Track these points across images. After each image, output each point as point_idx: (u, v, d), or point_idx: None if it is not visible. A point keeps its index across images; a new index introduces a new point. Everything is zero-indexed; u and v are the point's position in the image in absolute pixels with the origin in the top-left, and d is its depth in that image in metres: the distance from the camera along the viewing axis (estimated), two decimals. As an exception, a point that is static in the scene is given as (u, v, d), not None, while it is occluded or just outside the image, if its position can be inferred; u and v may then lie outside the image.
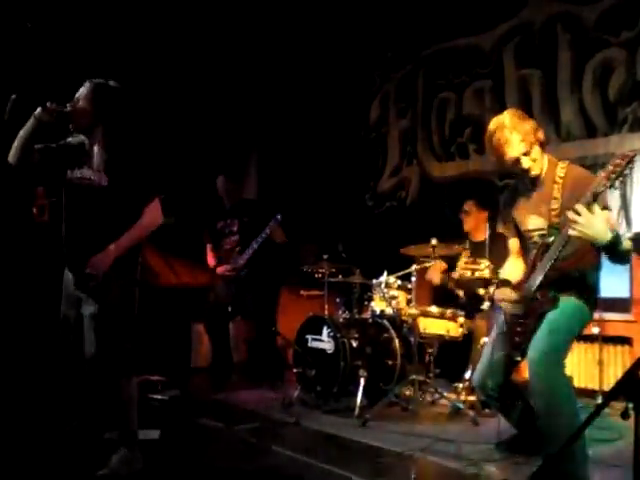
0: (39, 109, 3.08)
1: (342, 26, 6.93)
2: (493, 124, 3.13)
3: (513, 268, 3.32)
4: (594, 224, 2.66)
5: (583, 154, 5.17)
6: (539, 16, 5.64)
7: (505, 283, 3.21)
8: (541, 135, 3.11)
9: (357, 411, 4.40)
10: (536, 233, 3.11)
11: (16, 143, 3.13)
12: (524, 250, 3.25)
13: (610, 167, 2.67)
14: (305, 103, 7.32)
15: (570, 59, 5.40)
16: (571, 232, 2.70)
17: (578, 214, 2.65)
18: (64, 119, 3.15)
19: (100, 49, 5.72)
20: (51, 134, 3.22)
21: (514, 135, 3.04)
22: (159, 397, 5.03)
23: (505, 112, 3.17)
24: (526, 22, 5.73)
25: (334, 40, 7.01)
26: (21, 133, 3.12)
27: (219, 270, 5.61)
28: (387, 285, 4.89)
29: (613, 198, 4.99)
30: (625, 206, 4.98)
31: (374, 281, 4.98)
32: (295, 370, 5.02)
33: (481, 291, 4.63)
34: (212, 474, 3.34)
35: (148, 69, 6.21)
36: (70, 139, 3.29)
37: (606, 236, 2.70)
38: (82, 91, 3.21)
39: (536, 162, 3.09)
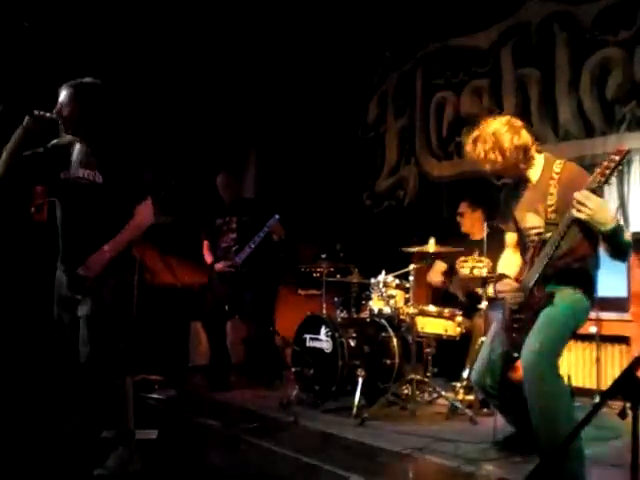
0: (27, 118, 3.07)
1: (341, 25, 6.92)
2: (478, 135, 3.08)
3: (509, 262, 3.32)
4: (601, 208, 2.67)
5: (581, 153, 5.17)
6: (536, 15, 5.64)
7: (503, 277, 3.20)
8: (523, 153, 3.05)
9: (355, 410, 4.40)
10: (533, 231, 3.11)
11: (5, 155, 3.12)
12: (522, 247, 3.25)
13: (605, 163, 2.68)
14: (304, 102, 7.32)
15: (568, 58, 5.41)
16: (577, 214, 2.70)
17: (586, 197, 2.66)
18: (53, 126, 3.15)
19: (101, 48, 5.72)
20: (40, 137, 3.22)
21: (496, 154, 3.02)
22: (157, 396, 5.03)
23: (492, 125, 3.09)
24: (523, 21, 5.74)
25: (333, 39, 7.01)
26: (10, 144, 3.11)
27: (217, 267, 5.60)
28: (385, 284, 4.89)
29: (611, 197, 5.00)
30: (623, 205, 4.99)
31: (372, 280, 4.98)
32: (293, 369, 5.01)
33: (479, 290, 4.64)
34: (210, 474, 3.34)
35: (147, 67, 6.22)
36: (58, 140, 3.29)
37: (612, 222, 2.70)
38: (63, 97, 3.18)
39: (520, 169, 3.09)
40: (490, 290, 4.21)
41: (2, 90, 3.26)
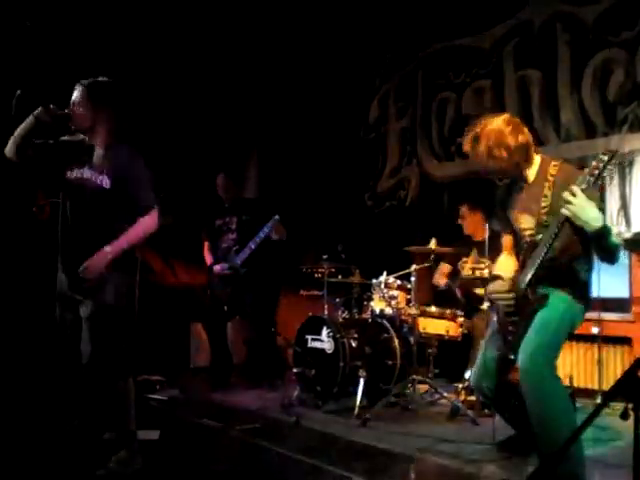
0: (40, 109, 3.07)
1: (342, 26, 6.92)
2: (479, 132, 3.07)
3: (505, 264, 3.31)
4: (587, 207, 2.67)
5: (583, 154, 5.16)
6: (539, 16, 5.63)
7: (497, 278, 3.20)
8: (525, 152, 3.05)
9: (357, 411, 4.40)
10: (527, 232, 3.11)
11: (13, 138, 3.14)
12: (518, 248, 3.25)
13: (594, 163, 2.68)
14: (305, 103, 7.32)
15: (570, 59, 5.40)
16: (564, 211, 2.70)
17: (574, 195, 2.67)
18: (64, 121, 3.15)
19: (101, 48, 5.73)
20: (51, 131, 3.23)
21: (500, 151, 3.02)
22: (158, 397, 5.04)
23: (494, 123, 3.08)
24: (525, 22, 5.73)
25: (334, 40, 7.01)
26: (19, 130, 3.12)
27: (216, 269, 5.60)
28: (387, 285, 4.89)
29: (613, 198, 5.00)
30: (625, 206, 4.98)
31: (374, 281, 4.98)
32: (295, 370, 5.01)
33: (481, 291, 4.63)
34: (211, 475, 3.34)
35: (149, 68, 6.22)
36: (69, 137, 3.29)
37: (598, 221, 2.70)
38: (76, 95, 3.20)
39: (516, 168, 3.08)
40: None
41: (6, 88, 3.26)
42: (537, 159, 3.13)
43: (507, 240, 3.34)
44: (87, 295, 3.11)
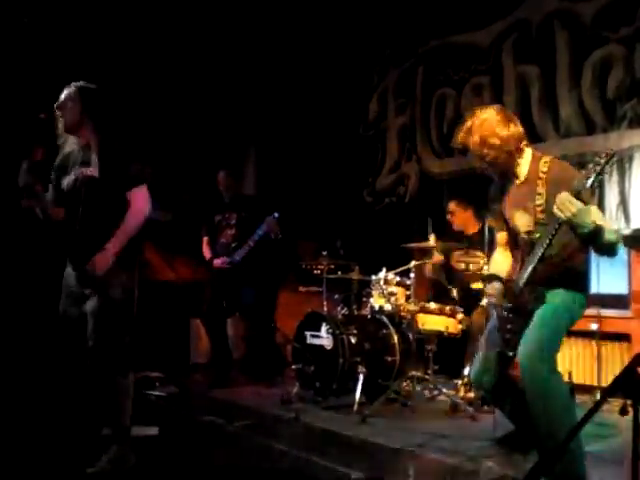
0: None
1: (341, 22, 6.92)
2: (472, 123, 3.07)
3: (500, 261, 3.32)
4: (581, 213, 2.67)
5: (582, 151, 5.16)
6: (537, 13, 5.63)
7: (494, 278, 3.20)
8: (518, 142, 3.06)
9: (356, 407, 4.40)
10: (523, 229, 3.10)
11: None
12: (514, 245, 3.24)
13: (591, 165, 2.68)
14: (304, 99, 7.31)
15: (568, 56, 5.40)
16: (558, 213, 2.70)
17: (569, 202, 2.67)
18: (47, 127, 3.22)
19: (100, 46, 5.72)
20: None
21: (494, 140, 3.02)
22: (158, 393, 5.04)
23: (485, 113, 3.09)
24: (524, 19, 5.73)
25: (333, 36, 7.00)
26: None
27: (216, 263, 5.59)
28: (386, 281, 4.89)
29: (612, 194, 5.00)
30: (624, 202, 4.98)
31: (373, 277, 4.98)
32: (294, 366, 5.02)
33: (478, 286, 4.63)
34: (211, 471, 3.34)
35: (148, 64, 6.21)
36: (59, 157, 3.35)
37: (590, 225, 2.70)
38: (67, 93, 3.26)
39: (505, 163, 3.08)
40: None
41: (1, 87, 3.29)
42: (528, 153, 3.12)
43: (501, 237, 3.34)
44: (95, 290, 3.12)
